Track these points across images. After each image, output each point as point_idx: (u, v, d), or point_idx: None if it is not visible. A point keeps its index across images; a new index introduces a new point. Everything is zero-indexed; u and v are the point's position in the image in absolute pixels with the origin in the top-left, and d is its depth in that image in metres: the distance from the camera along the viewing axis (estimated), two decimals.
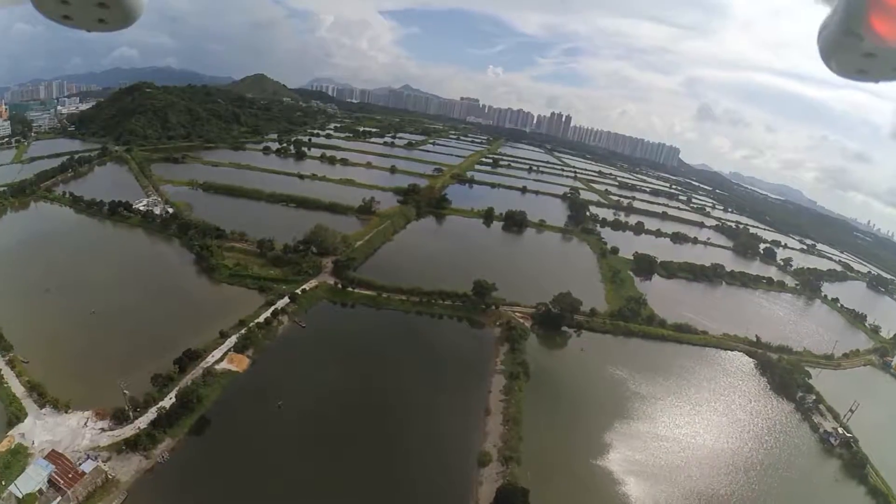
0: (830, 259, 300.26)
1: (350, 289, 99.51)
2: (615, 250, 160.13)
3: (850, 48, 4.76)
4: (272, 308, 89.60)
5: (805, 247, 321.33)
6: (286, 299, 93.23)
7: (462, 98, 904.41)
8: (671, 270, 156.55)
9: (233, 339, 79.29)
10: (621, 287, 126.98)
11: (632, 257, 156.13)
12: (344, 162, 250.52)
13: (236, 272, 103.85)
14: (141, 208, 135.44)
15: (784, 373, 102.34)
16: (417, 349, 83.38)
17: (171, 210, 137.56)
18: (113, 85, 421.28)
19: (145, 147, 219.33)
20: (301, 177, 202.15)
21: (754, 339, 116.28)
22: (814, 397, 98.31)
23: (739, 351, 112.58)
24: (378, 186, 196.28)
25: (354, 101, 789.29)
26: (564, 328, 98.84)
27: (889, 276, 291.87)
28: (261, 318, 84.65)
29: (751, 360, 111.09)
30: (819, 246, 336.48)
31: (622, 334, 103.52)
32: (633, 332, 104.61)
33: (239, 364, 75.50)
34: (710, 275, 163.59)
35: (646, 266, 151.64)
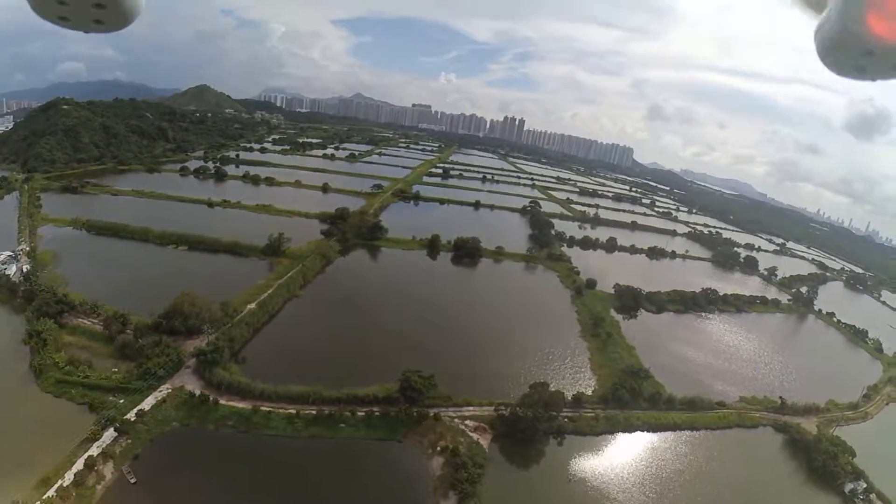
0: (804, 258, 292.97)
1: (214, 399, 64.89)
2: (592, 283, 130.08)
3: (847, 46, 4.74)
4: (89, 452, 54.62)
5: (777, 247, 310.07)
6: (112, 432, 58.58)
7: (414, 105, 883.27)
8: (659, 304, 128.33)
9: None
10: (609, 345, 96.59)
11: (613, 291, 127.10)
12: (269, 181, 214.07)
13: (64, 376, 68.23)
14: None
15: (827, 458, 75.80)
16: None
17: (26, 268, 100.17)
18: None
19: (50, 174, 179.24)
20: (210, 205, 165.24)
21: (778, 403, 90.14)
22: (864, 485, 74.10)
23: (765, 425, 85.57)
24: (300, 212, 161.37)
25: (304, 110, 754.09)
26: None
27: (860, 271, 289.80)
28: (71, 473, 50.68)
29: (779, 434, 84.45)
30: (788, 244, 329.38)
31: (622, 430, 72.73)
32: (634, 425, 74.14)
33: None
34: (702, 303, 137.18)
35: (630, 302, 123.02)
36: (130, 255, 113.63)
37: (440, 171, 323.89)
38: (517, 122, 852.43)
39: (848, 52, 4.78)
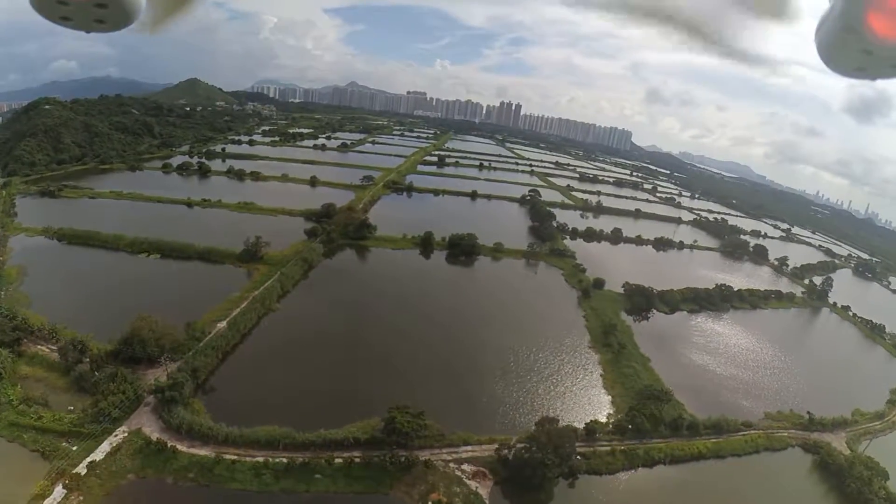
0: (810, 244, 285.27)
1: (174, 446, 55.34)
2: (599, 283, 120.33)
3: (847, 45, 4.70)
4: None
5: (783, 233, 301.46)
6: (61, 489, 49.70)
7: (409, 92, 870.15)
8: (672, 303, 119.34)
9: None
10: (622, 357, 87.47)
11: (622, 291, 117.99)
12: (255, 176, 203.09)
13: (18, 417, 58.94)
14: None
15: (861, 484, 68.22)
16: None
17: None
18: None
19: (30, 177, 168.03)
20: (189, 204, 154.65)
21: (806, 418, 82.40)
22: None
23: (794, 445, 77.37)
24: (284, 210, 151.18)
25: (297, 100, 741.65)
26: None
27: (866, 257, 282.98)
28: None
29: (808, 455, 76.36)
30: (794, 229, 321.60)
31: (641, 465, 63.77)
32: (654, 458, 65.15)
33: None
34: (716, 300, 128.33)
35: (642, 302, 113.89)
36: (100, 267, 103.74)
37: (435, 158, 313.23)
38: (514, 108, 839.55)
39: (848, 51, 4.70)
